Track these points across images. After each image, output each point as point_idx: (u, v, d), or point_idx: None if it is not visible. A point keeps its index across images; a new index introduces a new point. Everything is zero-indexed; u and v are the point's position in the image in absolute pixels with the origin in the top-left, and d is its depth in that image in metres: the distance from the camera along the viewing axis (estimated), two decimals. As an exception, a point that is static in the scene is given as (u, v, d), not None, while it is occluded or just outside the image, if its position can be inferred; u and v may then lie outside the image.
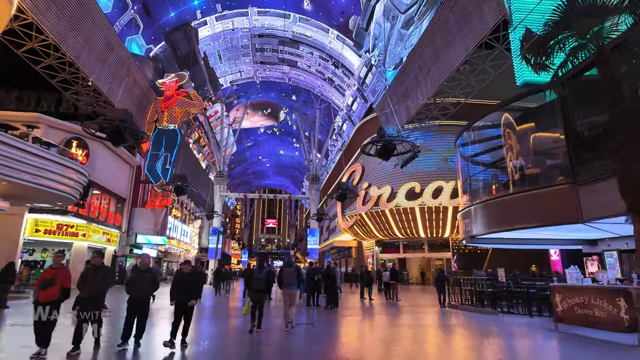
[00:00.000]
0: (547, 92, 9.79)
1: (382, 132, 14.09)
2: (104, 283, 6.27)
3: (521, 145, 9.39)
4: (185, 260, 6.35)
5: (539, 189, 7.82)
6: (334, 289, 12.06)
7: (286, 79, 40.20)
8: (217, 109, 41.38)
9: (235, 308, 13.60)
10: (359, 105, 36.25)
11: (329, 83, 37.98)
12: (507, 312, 10.53)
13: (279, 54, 35.69)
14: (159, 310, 11.13)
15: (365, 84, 32.58)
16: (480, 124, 10.83)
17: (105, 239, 23.25)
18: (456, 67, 20.25)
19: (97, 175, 22.24)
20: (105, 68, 23.18)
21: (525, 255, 25.97)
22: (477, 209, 9.45)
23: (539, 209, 7.77)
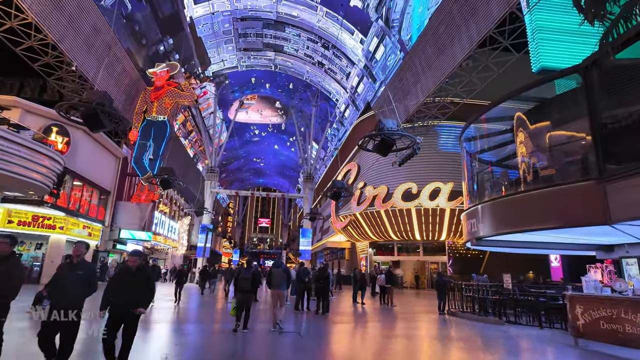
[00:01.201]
0: (557, 82, 8.93)
1: (381, 126, 13.18)
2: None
3: (536, 143, 8.48)
4: (133, 251, 4.92)
5: (557, 185, 6.90)
6: (326, 293, 11.09)
7: (272, 66, 37.63)
8: (206, 89, 37.47)
9: (220, 309, 12.58)
10: (366, 86, 32.32)
11: (319, 67, 35.63)
12: (513, 322, 9.63)
13: (263, 38, 33.25)
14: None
15: (375, 59, 28.62)
16: (489, 116, 9.92)
17: (87, 233, 22.06)
18: (459, 62, 19.43)
19: (78, 165, 21.10)
20: (91, 53, 22.03)
21: (522, 260, 25.16)
22: (484, 209, 8.54)
23: (557, 208, 6.86)
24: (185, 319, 10.10)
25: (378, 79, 29.13)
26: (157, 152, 26.87)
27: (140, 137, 27.07)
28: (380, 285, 15.12)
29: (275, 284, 8.12)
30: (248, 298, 7.55)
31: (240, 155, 60.22)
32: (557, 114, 8.22)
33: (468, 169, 10.94)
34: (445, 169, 27.29)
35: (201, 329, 8.79)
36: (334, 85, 36.84)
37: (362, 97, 33.66)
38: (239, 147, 54.96)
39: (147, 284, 4.73)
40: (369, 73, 30.35)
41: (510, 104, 10.06)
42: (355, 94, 34.39)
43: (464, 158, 11.28)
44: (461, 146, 11.23)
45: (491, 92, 26.57)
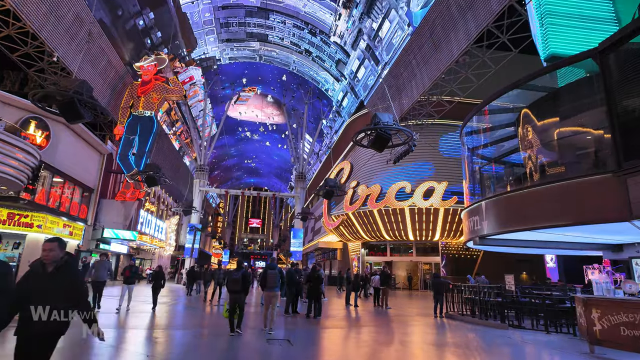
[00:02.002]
0: (559, 73, 8.43)
1: (376, 120, 12.58)
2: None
3: (544, 136, 7.96)
4: (51, 238, 3.39)
5: (572, 179, 6.34)
6: (318, 295, 10.42)
7: (257, 57, 35.72)
8: (191, 73, 33.98)
9: (204, 313, 11.83)
10: (367, 69, 30.02)
11: (306, 56, 33.92)
12: (516, 326, 9.08)
13: (246, 27, 31.47)
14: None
15: (379, 37, 26.46)
16: (493, 108, 9.36)
17: (67, 231, 21.06)
18: (456, 57, 18.95)
19: (59, 160, 20.11)
20: (73, 43, 21.08)
21: (516, 261, 24.91)
22: (489, 205, 7.96)
23: (571, 204, 6.31)
24: (162, 324, 9.32)
25: (382, 61, 27.30)
26: (143, 148, 25.89)
27: (125, 132, 26.10)
28: (375, 287, 14.50)
29: (270, 285, 8.17)
30: (239, 298, 7.44)
31: (231, 154, 59.27)
32: (566, 104, 7.70)
33: (469, 164, 10.37)
34: (440, 168, 26.90)
35: (180, 336, 8.06)
36: (322, 74, 35.11)
37: (362, 84, 31.85)
38: (229, 145, 54.03)
39: (73, 289, 3.22)
40: (371, 54, 28.44)
41: (514, 96, 9.54)
42: (354, 80, 32.56)
43: (464, 153, 10.72)
44: (461, 140, 10.67)
45: (486, 91, 26.34)
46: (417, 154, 26.67)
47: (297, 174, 38.54)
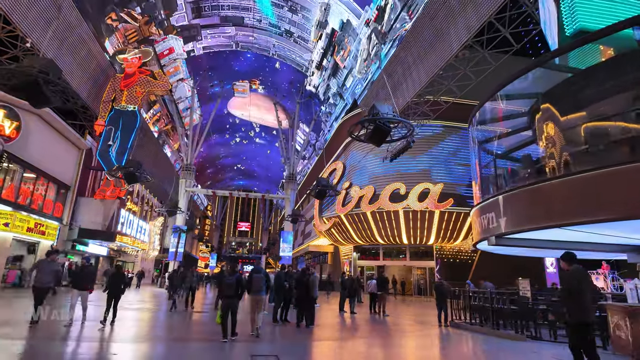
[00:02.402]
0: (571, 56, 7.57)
1: (375, 111, 11.59)
2: None
3: (570, 122, 7.03)
4: None
5: (614, 166, 5.37)
6: (310, 301, 9.29)
7: (233, 44, 32.76)
8: (171, 44, 29.79)
9: (179, 328, 10.59)
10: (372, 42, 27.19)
11: (287, 37, 31.14)
12: (535, 338, 8.06)
13: (220, 11, 28.68)
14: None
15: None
16: (508, 92, 8.42)
17: (39, 231, 19.54)
18: (456, 51, 18.12)
19: (31, 154, 18.66)
20: (49, 29, 19.70)
21: (512, 266, 24.08)
22: (509, 199, 6.98)
23: (616, 195, 5.34)
24: (126, 336, 7.86)
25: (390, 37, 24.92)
26: (125, 144, 24.55)
27: (106, 127, 24.70)
28: (371, 292, 13.41)
29: (255, 289, 7.99)
30: (233, 304, 7.22)
31: (220, 155, 57.83)
32: (598, 84, 6.75)
33: (481, 156, 9.41)
34: (436, 170, 26.06)
35: (148, 351, 6.85)
36: (306, 56, 32.71)
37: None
38: (218, 144, 52.63)
39: None
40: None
41: (529, 83, 8.63)
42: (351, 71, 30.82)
43: (473, 145, 9.76)
44: (471, 130, 9.70)
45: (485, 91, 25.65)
46: (413, 155, 25.82)
47: (288, 174, 37.35)
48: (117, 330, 8.01)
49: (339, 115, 35.31)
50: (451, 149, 26.60)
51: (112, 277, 8.77)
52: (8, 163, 17.57)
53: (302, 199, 43.89)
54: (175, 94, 35.39)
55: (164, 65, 31.05)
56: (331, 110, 37.51)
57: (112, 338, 7.38)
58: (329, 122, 38.50)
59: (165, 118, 36.64)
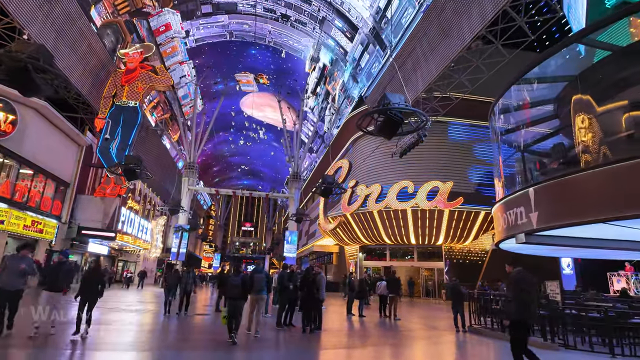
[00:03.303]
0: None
1: (385, 101, 10.84)
2: None
3: (609, 117, 6.27)
4: None
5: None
6: (317, 303, 8.55)
7: (226, 34, 31.11)
8: (167, 19, 27.33)
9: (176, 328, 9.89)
10: (373, 55, 26.20)
11: (283, 22, 29.39)
12: (570, 347, 7.24)
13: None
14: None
15: (386, 17, 23.61)
16: (536, 75, 7.64)
17: (36, 229, 18.97)
18: (468, 42, 17.30)
19: (28, 150, 18.10)
20: (48, 22, 19.18)
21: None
22: (542, 192, 6.22)
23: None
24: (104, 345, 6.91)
25: (389, 45, 24.24)
26: (126, 140, 24.01)
27: (107, 124, 24.16)
28: (380, 295, 12.64)
29: (256, 289, 7.95)
30: (239, 305, 7.13)
31: (224, 154, 57.33)
32: None
33: (501, 148, 8.62)
34: (445, 167, 25.23)
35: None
36: (304, 40, 31.08)
37: (366, 71, 28.12)
38: (222, 143, 52.09)
39: None
40: (375, 36, 25.23)
41: (556, 68, 7.85)
42: (357, 68, 29.15)
43: (495, 136, 8.97)
44: (493, 120, 8.91)
45: (496, 86, 24.83)
46: (421, 152, 24.99)
47: (292, 173, 36.64)
48: (94, 336, 7.23)
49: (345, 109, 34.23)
50: (461, 146, 25.79)
51: (86, 276, 7.28)
52: (3, 158, 17.02)
53: (307, 198, 43.19)
54: (172, 77, 32.40)
55: (159, 44, 28.96)
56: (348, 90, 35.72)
57: (86, 346, 6.45)
58: (361, 77, 36.16)
59: (164, 105, 34.54)
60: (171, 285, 11.13)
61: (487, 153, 25.69)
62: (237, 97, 42.32)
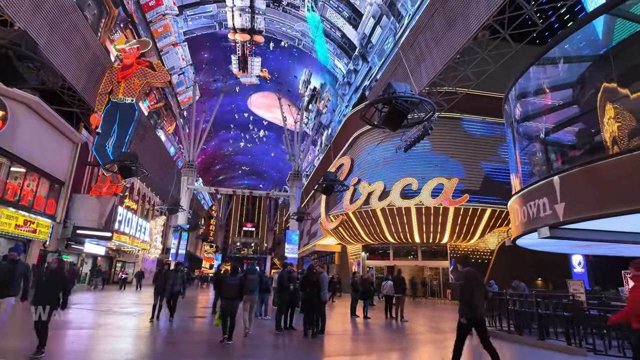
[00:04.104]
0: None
1: (391, 90, 10.21)
2: None
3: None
4: None
5: None
6: (319, 305, 7.91)
7: (216, 24, 29.86)
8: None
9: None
10: (386, 29, 24.64)
11: (275, 6, 28.37)
12: (599, 352, 6.55)
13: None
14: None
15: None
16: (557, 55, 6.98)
17: (29, 228, 18.38)
18: (475, 32, 16.69)
19: (19, 146, 17.52)
20: (40, 14, 18.60)
21: (531, 265, 22.62)
22: (570, 180, 5.57)
23: None
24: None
25: (405, 15, 22.68)
26: (123, 138, 23.44)
27: (103, 120, 23.60)
28: (386, 295, 11.99)
29: (248, 289, 7.82)
30: (234, 306, 7.02)
31: (225, 154, 56.75)
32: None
33: (517, 136, 7.96)
34: (450, 163, 24.56)
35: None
36: (298, 26, 29.87)
37: (377, 50, 26.53)
38: (222, 142, 51.51)
39: None
40: (389, 5, 23.83)
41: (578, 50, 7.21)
42: (367, 47, 27.46)
43: (511, 122, 8.31)
44: (506, 107, 8.25)
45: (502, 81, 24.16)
46: (425, 148, 24.41)
47: (293, 171, 36.02)
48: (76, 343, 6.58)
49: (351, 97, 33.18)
50: (466, 142, 25.13)
51: (43, 279, 5.78)
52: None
53: (308, 197, 42.53)
54: (166, 63, 30.87)
55: (150, 22, 27.23)
56: (344, 91, 34.72)
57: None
58: (347, 96, 34.61)
59: (157, 93, 32.76)
60: (159, 286, 9.75)
61: (494, 149, 25.07)
62: (237, 95, 41.73)
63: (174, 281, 9.40)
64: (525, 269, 22.55)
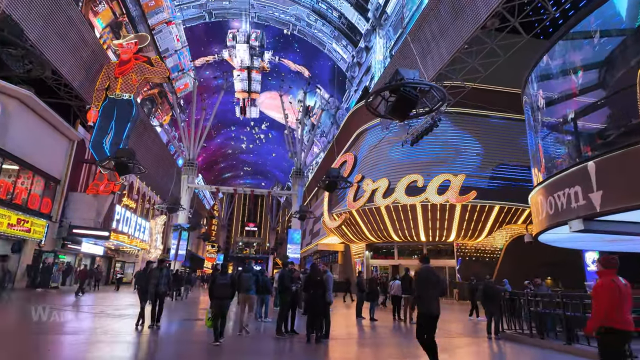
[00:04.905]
0: None
1: (398, 77, 9.55)
2: None
3: None
4: None
5: None
6: (324, 307, 7.24)
7: (205, 14, 28.38)
8: None
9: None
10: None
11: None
12: (635, 358, 5.93)
13: None
14: None
15: None
16: (590, 27, 6.31)
17: (23, 228, 17.82)
18: (484, 20, 15.97)
19: (12, 143, 16.96)
20: (35, 6, 18.03)
21: (540, 264, 21.82)
22: (609, 165, 4.88)
23: None
24: None
25: None
26: (120, 134, 22.87)
27: (100, 117, 23.05)
28: (394, 295, 11.31)
29: (244, 288, 8.08)
30: (224, 306, 6.90)
31: (227, 153, 56.19)
32: None
33: (541, 121, 7.28)
34: (456, 160, 23.87)
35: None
36: (292, 9, 28.26)
37: (392, 21, 24.77)
38: (224, 141, 50.96)
39: None
40: None
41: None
42: (381, 18, 25.86)
43: (532, 108, 7.62)
44: (527, 90, 7.56)
45: (510, 76, 23.41)
46: (431, 144, 23.69)
47: (295, 169, 35.37)
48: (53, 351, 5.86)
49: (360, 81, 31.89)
50: (473, 138, 24.42)
51: None
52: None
53: (311, 195, 41.87)
54: (159, 44, 28.93)
55: (148, 18, 26.13)
56: (354, 73, 32.40)
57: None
58: (356, 80, 32.36)
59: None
60: (142, 287, 8.35)
61: (502, 144, 24.38)
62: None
63: (158, 280, 8.09)
64: (534, 268, 21.80)
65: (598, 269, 3.84)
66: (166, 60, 29.70)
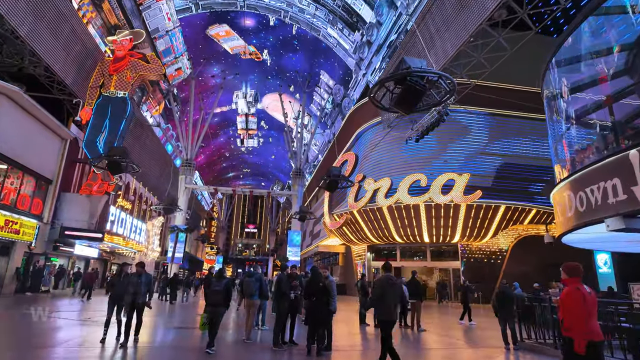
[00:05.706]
0: None
1: (404, 66, 8.88)
2: None
3: None
4: None
5: None
6: (327, 315, 6.53)
7: (192, 6, 26.97)
8: None
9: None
10: None
11: None
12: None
13: None
14: None
15: None
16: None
17: (11, 229, 17.11)
18: (491, 11, 15.29)
19: (0, 141, 16.25)
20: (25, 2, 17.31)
21: (547, 266, 21.11)
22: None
23: None
24: None
25: None
26: (115, 133, 22.16)
27: (94, 115, 22.36)
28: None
29: (247, 293, 7.99)
30: (218, 313, 6.57)
31: (227, 153, 55.49)
32: None
33: (563, 111, 6.60)
34: (461, 158, 23.21)
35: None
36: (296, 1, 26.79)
37: None
38: (224, 140, 50.26)
39: None
40: None
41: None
42: None
43: (552, 96, 6.94)
44: (547, 77, 6.87)
45: (517, 72, 22.73)
46: (434, 143, 23.06)
47: (295, 170, 34.69)
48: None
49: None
50: (477, 136, 23.78)
51: None
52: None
53: (311, 196, 41.18)
54: (148, 23, 26.57)
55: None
56: (362, 55, 29.32)
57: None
58: (365, 61, 29.63)
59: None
60: (116, 294, 7.02)
61: (507, 143, 23.78)
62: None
63: (135, 289, 6.76)
64: (540, 270, 21.17)
65: (562, 277, 3.65)
66: (156, 42, 27.64)
